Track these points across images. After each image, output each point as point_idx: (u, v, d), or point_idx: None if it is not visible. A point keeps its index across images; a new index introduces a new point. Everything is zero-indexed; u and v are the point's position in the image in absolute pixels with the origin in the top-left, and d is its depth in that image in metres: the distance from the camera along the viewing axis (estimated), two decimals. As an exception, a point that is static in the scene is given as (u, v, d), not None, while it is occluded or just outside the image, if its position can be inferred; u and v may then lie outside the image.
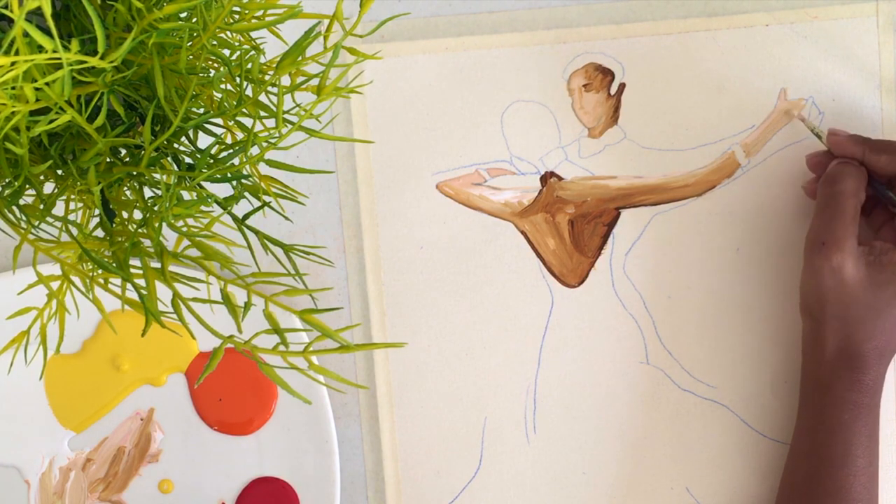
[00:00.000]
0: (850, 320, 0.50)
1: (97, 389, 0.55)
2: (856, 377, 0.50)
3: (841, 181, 0.51)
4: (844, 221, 0.50)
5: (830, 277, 0.50)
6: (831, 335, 0.51)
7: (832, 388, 0.50)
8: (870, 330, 0.50)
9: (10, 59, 0.29)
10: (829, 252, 0.50)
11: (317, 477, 0.55)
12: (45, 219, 0.37)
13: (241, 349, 0.33)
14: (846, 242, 0.50)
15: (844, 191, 0.51)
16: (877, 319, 0.50)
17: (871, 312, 0.50)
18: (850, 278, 0.49)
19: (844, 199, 0.50)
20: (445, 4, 0.56)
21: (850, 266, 0.49)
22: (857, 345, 0.50)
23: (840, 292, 0.50)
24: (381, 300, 0.56)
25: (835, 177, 0.52)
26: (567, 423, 0.57)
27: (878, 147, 0.52)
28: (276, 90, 0.36)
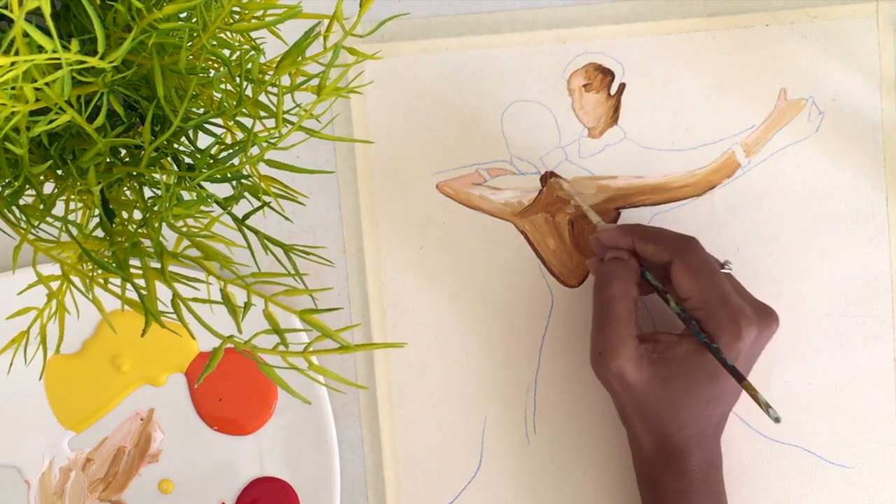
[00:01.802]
0: (651, 417, 0.50)
1: (97, 389, 0.55)
2: (678, 467, 0.50)
3: (608, 285, 0.50)
4: (617, 328, 0.49)
5: (617, 384, 0.50)
6: (641, 433, 0.51)
7: (659, 482, 0.51)
8: (674, 422, 0.50)
9: (9, 59, 0.29)
10: (606, 361, 0.49)
11: (317, 477, 0.55)
12: (44, 219, 0.37)
13: (240, 349, 0.33)
14: (622, 349, 0.49)
15: (614, 295, 0.50)
16: (677, 411, 0.49)
17: (668, 407, 0.49)
18: (634, 382, 0.49)
19: (615, 305, 0.50)
20: (445, 4, 0.56)
21: (631, 370, 0.49)
22: (667, 438, 0.50)
23: (631, 395, 0.50)
24: (381, 300, 0.56)
25: (602, 281, 0.51)
26: (567, 423, 0.57)
27: (645, 236, 0.51)
28: (276, 90, 0.36)
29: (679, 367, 0.49)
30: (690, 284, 0.49)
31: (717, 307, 0.49)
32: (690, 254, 0.50)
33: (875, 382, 0.57)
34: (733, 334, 0.48)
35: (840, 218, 0.57)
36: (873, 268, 0.57)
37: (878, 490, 0.57)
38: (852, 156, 0.57)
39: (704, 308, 0.49)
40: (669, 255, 0.50)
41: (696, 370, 0.49)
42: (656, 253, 0.50)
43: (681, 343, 0.50)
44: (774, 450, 0.57)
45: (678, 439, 0.50)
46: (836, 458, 0.57)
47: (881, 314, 0.57)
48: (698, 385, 0.49)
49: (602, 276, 0.51)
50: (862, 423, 0.57)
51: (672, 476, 0.50)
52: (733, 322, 0.48)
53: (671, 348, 0.49)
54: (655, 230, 0.52)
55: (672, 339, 0.50)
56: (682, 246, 0.50)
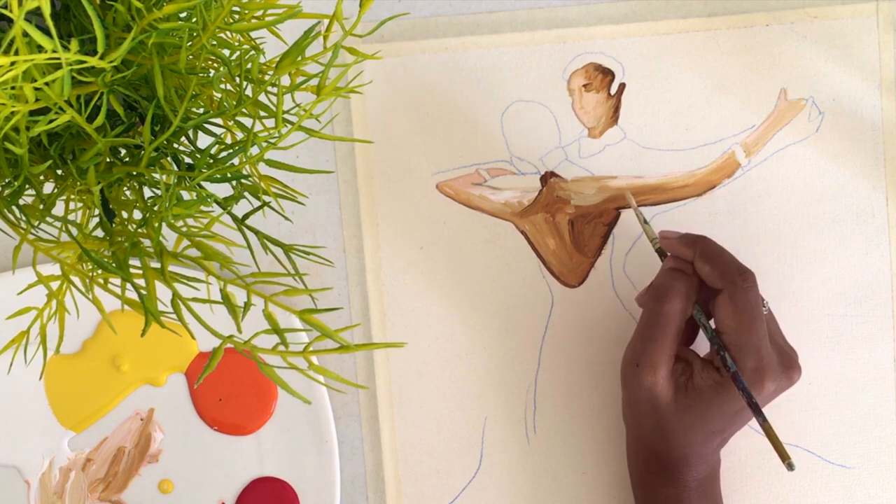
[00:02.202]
0: (658, 432, 0.50)
1: (97, 389, 0.55)
2: (672, 475, 0.50)
3: (670, 298, 0.49)
4: (664, 345, 0.49)
5: (641, 395, 0.50)
6: (642, 440, 0.51)
7: (651, 486, 0.51)
8: (678, 442, 0.50)
9: (9, 59, 0.29)
10: (642, 374, 0.49)
11: (317, 477, 0.55)
12: (44, 219, 0.37)
13: (240, 349, 0.33)
14: (660, 367, 0.49)
15: (671, 311, 0.49)
16: (684, 434, 0.49)
17: (678, 429, 0.49)
18: (660, 399, 0.49)
19: (669, 321, 0.49)
20: (445, 4, 0.56)
21: (661, 388, 0.49)
22: (668, 452, 0.50)
23: (647, 408, 0.50)
24: (381, 300, 0.56)
25: (663, 291, 0.50)
26: (567, 423, 0.57)
27: (706, 256, 0.50)
28: (275, 90, 0.36)
29: (700, 397, 0.49)
30: (730, 322, 0.48)
31: (748, 354, 0.48)
32: (743, 292, 0.48)
33: (875, 382, 0.57)
34: (754, 385, 0.48)
35: (840, 218, 0.57)
36: (873, 268, 0.57)
37: (878, 490, 0.57)
38: (852, 156, 0.57)
39: (735, 350, 0.48)
40: (721, 285, 0.49)
41: (714, 404, 0.49)
42: (710, 277, 0.49)
43: (707, 370, 0.49)
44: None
45: (675, 455, 0.50)
46: (836, 458, 0.57)
47: (881, 314, 0.57)
48: (713, 418, 0.49)
49: (663, 287, 0.50)
50: (862, 423, 0.57)
51: (665, 482, 0.51)
52: (758, 373, 0.48)
53: (699, 375, 0.49)
54: (718, 251, 0.50)
55: (700, 365, 0.50)
56: (738, 281, 0.49)
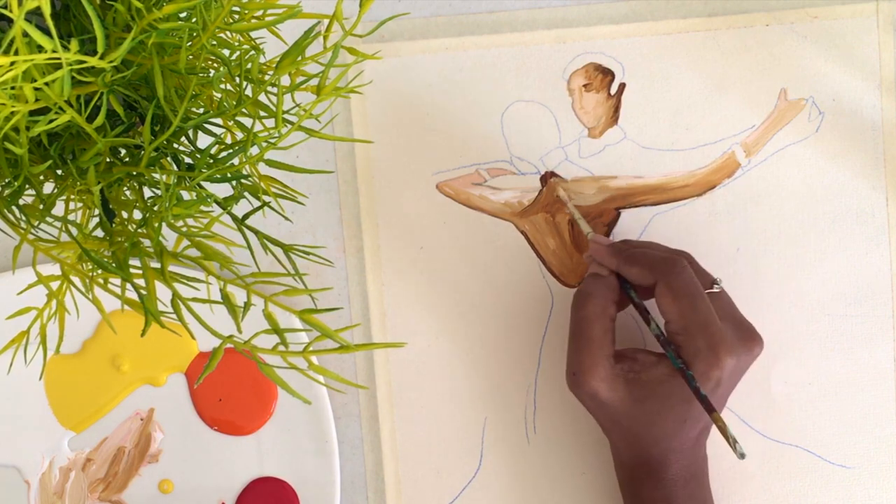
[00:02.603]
0: (626, 433, 0.50)
1: (97, 389, 0.55)
2: (657, 477, 0.50)
3: (584, 305, 0.50)
4: (591, 349, 0.49)
5: (591, 402, 0.50)
6: (620, 445, 0.51)
7: (639, 490, 0.51)
8: (650, 438, 0.50)
9: (9, 59, 0.29)
10: (579, 382, 0.49)
11: (317, 477, 0.55)
12: (44, 219, 0.37)
13: (240, 349, 0.33)
14: (595, 370, 0.49)
15: (588, 315, 0.50)
16: (652, 428, 0.50)
17: (643, 424, 0.49)
18: (608, 401, 0.49)
19: (589, 325, 0.50)
20: (445, 4, 0.56)
21: (605, 390, 0.49)
22: (644, 451, 0.50)
23: (605, 413, 0.50)
24: (381, 300, 0.56)
25: (579, 300, 0.51)
26: (567, 423, 0.57)
27: (630, 259, 0.50)
28: (275, 90, 0.36)
29: (654, 389, 0.49)
30: (672, 308, 0.49)
31: (696, 334, 0.48)
32: (675, 277, 0.49)
33: (875, 382, 0.57)
34: (710, 362, 0.48)
35: (840, 218, 0.57)
36: (873, 268, 0.57)
37: (878, 490, 0.57)
38: (852, 156, 0.57)
39: (683, 334, 0.49)
40: (653, 278, 0.50)
41: (670, 393, 0.49)
42: (640, 276, 0.50)
43: (658, 365, 0.49)
44: (774, 450, 0.57)
45: (655, 452, 0.50)
46: (836, 458, 0.57)
47: (881, 314, 0.57)
48: (673, 406, 0.49)
49: (580, 294, 0.51)
50: (862, 423, 0.57)
51: (651, 485, 0.50)
52: (711, 350, 0.48)
53: (648, 369, 0.49)
54: (642, 252, 0.51)
55: (650, 360, 0.50)
56: (666, 269, 0.49)
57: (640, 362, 0.50)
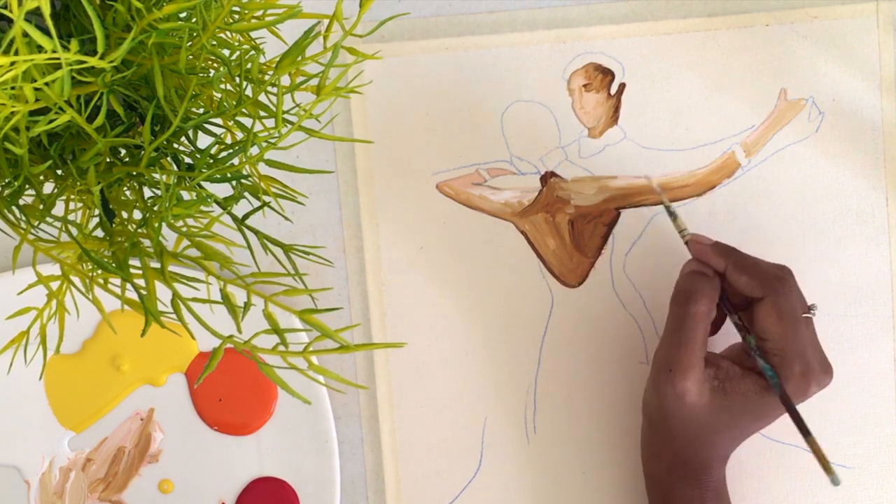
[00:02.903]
0: (689, 436, 0.50)
1: (97, 389, 0.55)
2: (696, 477, 0.50)
3: (694, 302, 0.49)
4: (693, 348, 0.48)
5: (674, 402, 0.49)
6: (670, 444, 0.50)
7: (674, 489, 0.50)
8: (708, 444, 0.50)
9: (9, 59, 0.29)
10: (674, 379, 0.48)
11: (317, 477, 0.55)
12: (44, 219, 0.37)
13: (240, 349, 0.33)
14: (692, 371, 0.48)
15: (697, 313, 0.48)
16: (714, 436, 0.49)
17: (709, 431, 0.49)
18: (692, 404, 0.48)
19: (696, 324, 0.48)
20: (445, 4, 0.56)
21: (694, 393, 0.48)
22: (694, 454, 0.50)
23: (681, 414, 0.49)
24: (381, 300, 0.56)
25: (686, 295, 0.49)
26: (567, 423, 0.57)
27: (742, 266, 0.49)
28: (275, 90, 0.36)
29: (735, 402, 0.48)
30: (775, 329, 0.48)
31: (794, 360, 0.47)
32: (784, 297, 0.48)
33: (875, 382, 0.57)
34: (800, 390, 0.48)
35: (840, 218, 0.57)
36: (873, 268, 0.57)
37: (878, 490, 0.57)
38: (852, 156, 0.57)
39: (780, 356, 0.48)
40: (762, 293, 0.48)
41: (749, 409, 0.48)
42: (747, 286, 0.49)
43: (744, 379, 0.48)
44: (774, 450, 0.57)
45: (703, 457, 0.50)
46: (836, 458, 0.57)
47: (881, 314, 0.57)
48: (746, 422, 0.49)
49: (686, 291, 0.49)
50: (862, 423, 0.57)
51: (688, 484, 0.50)
52: (803, 378, 0.47)
53: (733, 381, 0.48)
54: (752, 261, 0.50)
55: (735, 372, 0.49)
56: (777, 287, 0.48)
57: (725, 371, 0.49)
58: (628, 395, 0.57)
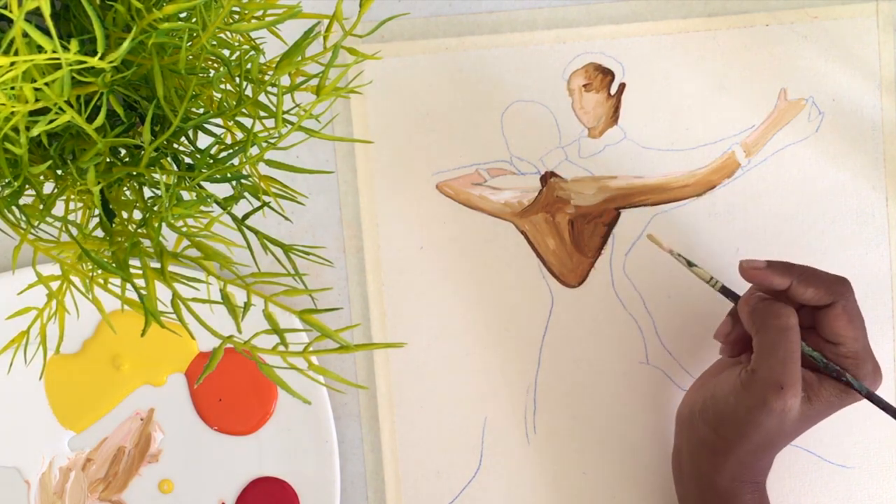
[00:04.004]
0: (765, 447, 0.49)
1: (97, 389, 0.55)
2: (755, 480, 0.50)
3: (787, 315, 0.48)
4: (797, 364, 0.48)
5: (778, 418, 0.48)
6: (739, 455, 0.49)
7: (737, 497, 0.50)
8: (779, 449, 0.50)
9: (9, 60, 0.29)
10: (786, 395, 0.47)
11: (317, 477, 0.55)
12: (44, 219, 0.37)
13: (240, 349, 0.33)
14: (797, 386, 0.48)
15: (793, 327, 0.48)
16: (786, 442, 0.50)
17: (786, 439, 0.49)
18: (792, 418, 0.48)
19: (794, 336, 0.48)
20: (445, 4, 0.56)
21: (795, 409, 0.48)
22: (760, 461, 0.50)
23: (774, 429, 0.48)
24: (381, 300, 0.56)
25: (779, 311, 0.49)
26: (567, 423, 0.57)
27: (806, 279, 0.49)
28: (275, 90, 0.36)
29: (820, 409, 0.49)
30: (847, 331, 0.48)
31: (867, 358, 0.49)
32: (851, 299, 0.49)
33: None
34: (874, 386, 0.49)
35: (840, 218, 0.57)
36: (873, 268, 0.57)
37: (878, 490, 0.57)
38: (852, 156, 0.57)
39: (854, 358, 0.48)
40: (830, 299, 0.49)
41: (828, 412, 0.49)
42: (816, 296, 0.49)
43: (822, 386, 0.49)
44: (774, 450, 0.57)
45: (766, 462, 0.50)
46: (836, 458, 0.57)
47: (881, 314, 0.57)
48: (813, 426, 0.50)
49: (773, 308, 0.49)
50: (862, 423, 0.57)
51: (751, 488, 0.50)
52: (877, 374, 0.49)
53: (814, 389, 0.49)
54: (812, 270, 0.50)
55: (812, 379, 0.49)
56: (843, 290, 0.49)
57: (806, 381, 0.49)
58: (628, 395, 0.57)
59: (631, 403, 0.57)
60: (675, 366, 0.57)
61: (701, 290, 0.56)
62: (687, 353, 0.57)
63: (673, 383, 0.57)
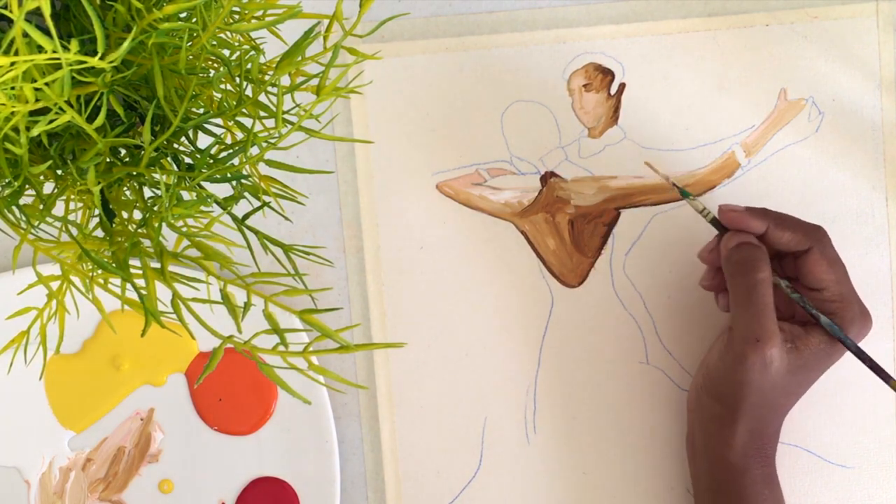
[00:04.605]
0: (766, 406, 0.49)
1: (97, 389, 0.55)
2: (764, 453, 0.50)
3: (758, 269, 0.49)
4: (772, 314, 0.48)
5: (760, 371, 0.48)
6: (745, 421, 0.50)
7: (749, 470, 0.50)
8: (782, 410, 0.50)
9: (9, 60, 0.29)
10: (763, 348, 0.48)
11: (317, 477, 0.55)
12: (44, 219, 0.37)
13: (240, 349, 0.33)
14: (775, 337, 0.48)
15: (765, 279, 0.48)
16: (789, 398, 0.50)
17: (787, 394, 0.49)
18: (777, 370, 0.48)
19: (766, 289, 0.48)
20: (445, 4, 0.56)
21: (777, 358, 0.48)
22: (767, 426, 0.50)
23: (765, 384, 0.49)
24: (381, 300, 0.56)
25: (750, 264, 0.49)
26: (567, 423, 0.57)
27: (781, 222, 0.49)
28: (275, 90, 0.36)
29: (809, 358, 0.49)
30: (829, 275, 0.48)
31: (853, 300, 0.49)
32: (828, 244, 0.49)
33: (875, 382, 0.57)
34: (862, 328, 0.49)
35: (840, 218, 0.57)
36: (873, 268, 0.57)
37: (878, 490, 0.57)
38: (852, 156, 0.57)
39: (839, 301, 0.48)
40: (808, 244, 0.49)
41: (821, 360, 0.49)
42: (793, 241, 0.49)
43: (811, 334, 0.49)
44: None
45: (773, 428, 0.50)
46: (836, 458, 0.57)
47: (881, 314, 0.57)
48: (814, 376, 0.49)
49: (746, 260, 0.49)
50: (862, 423, 0.57)
51: (759, 462, 0.50)
52: (864, 315, 0.49)
53: (802, 339, 0.49)
54: (788, 216, 0.50)
55: (798, 330, 0.49)
56: (820, 235, 0.49)
57: (790, 332, 0.49)
58: (628, 395, 0.57)
59: (631, 403, 0.57)
60: (675, 366, 0.57)
61: (701, 290, 0.56)
62: (687, 353, 0.57)
63: (673, 383, 0.57)
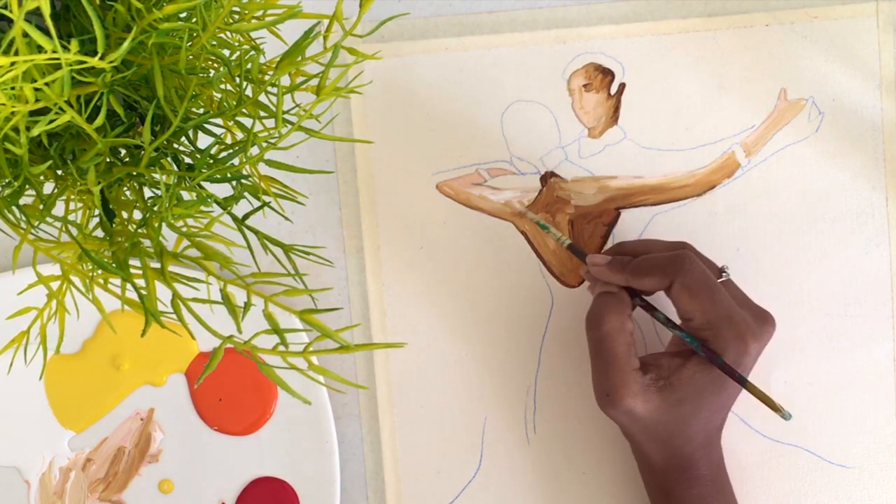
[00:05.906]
0: (662, 438, 0.50)
1: (97, 389, 0.55)
2: (689, 475, 0.50)
3: (602, 323, 0.50)
4: (620, 366, 0.49)
5: (627, 419, 0.49)
6: (652, 453, 0.51)
7: (673, 492, 0.50)
8: (685, 437, 0.50)
9: (9, 60, 0.29)
10: (615, 402, 0.49)
11: (317, 477, 0.55)
12: (44, 219, 0.37)
13: (240, 349, 0.33)
14: (628, 387, 0.48)
15: (609, 333, 0.49)
16: (688, 427, 0.49)
17: (679, 425, 0.49)
18: (645, 414, 0.49)
19: (612, 343, 0.49)
20: (445, 4, 0.56)
21: (640, 405, 0.49)
22: (678, 451, 0.50)
23: (641, 426, 0.49)
24: (381, 300, 0.56)
25: (596, 319, 0.50)
26: (567, 423, 0.57)
27: (638, 271, 0.50)
28: (275, 90, 0.36)
29: (687, 389, 0.49)
30: (692, 306, 0.48)
31: (722, 326, 0.48)
32: (687, 274, 0.49)
33: (875, 382, 0.57)
34: (740, 350, 0.48)
35: (840, 218, 0.57)
36: (873, 268, 0.57)
37: (878, 490, 0.57)
38: (852, 156, 0.57)
39: (709, 328, 0.48)
40: (668, 281, 0.49)
41: (703, 387, 0.49)
42: (653, 284, 0.49)
43: (685, 365, 0.49)
44: (774, 450, 0.57)
45: (687, 451, 0.50)
46: (836, 458, 0.57)
47: (881, 314, 0.57)
48: (707, 400, 0.49)
49: (595, 314, 0.51)
50: (862, 423, 0.57)
51: (686, 484, 0.50)
52: (739, 339, 0.48)
53: (676, 372, 0.49)
54: (647, 259, 0.50)
55: (675, 363, 0.50)
56: (677, 269, 0.49)
57: (666, 367, 0.49)
58: (628, 395, 0.57)
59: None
60: (675, 366, 0.57)
61: (701, 290, 0.56)
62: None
63: (673, 383, 0.57)
